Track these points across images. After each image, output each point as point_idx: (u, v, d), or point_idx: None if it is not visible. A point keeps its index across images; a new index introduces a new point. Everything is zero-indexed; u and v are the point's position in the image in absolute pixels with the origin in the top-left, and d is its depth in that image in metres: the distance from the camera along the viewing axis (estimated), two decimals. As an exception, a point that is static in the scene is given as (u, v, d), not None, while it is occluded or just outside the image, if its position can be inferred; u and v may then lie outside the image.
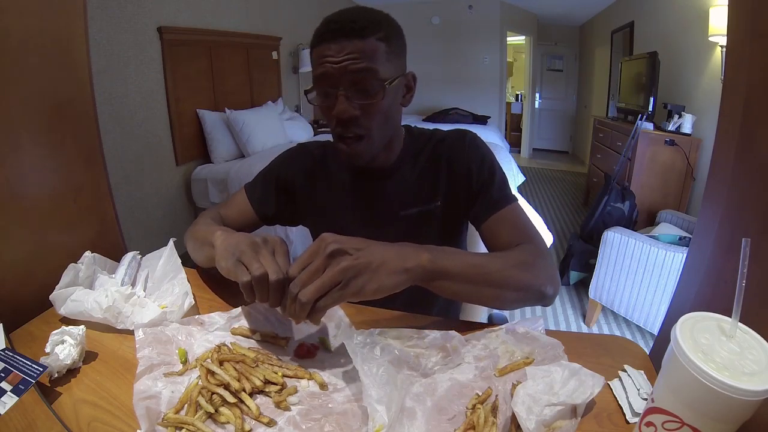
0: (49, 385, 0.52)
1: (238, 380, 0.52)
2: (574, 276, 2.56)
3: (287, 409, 0.49)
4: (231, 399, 0.49)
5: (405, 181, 0.81)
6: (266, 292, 0.52)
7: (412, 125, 0.88)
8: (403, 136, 0.84)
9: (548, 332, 0.63)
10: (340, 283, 0.50)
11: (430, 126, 0.92)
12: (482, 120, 5.13)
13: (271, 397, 0.51)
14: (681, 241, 2.01)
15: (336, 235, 0.54)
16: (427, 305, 0.89)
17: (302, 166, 0.87)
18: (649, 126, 2.98)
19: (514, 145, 6.88)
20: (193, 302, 0.67)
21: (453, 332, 0.60)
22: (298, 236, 2.46)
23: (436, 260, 0.56)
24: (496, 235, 0.75)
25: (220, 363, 0.55)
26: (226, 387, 0.50)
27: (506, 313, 1.06)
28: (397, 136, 0.81)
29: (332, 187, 0.85)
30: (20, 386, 0.48)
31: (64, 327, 0.56)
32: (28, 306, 0.66)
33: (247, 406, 0.48)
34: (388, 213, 0.81)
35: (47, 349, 0.54)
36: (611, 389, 0.53)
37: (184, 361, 0.56)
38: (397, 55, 0.70)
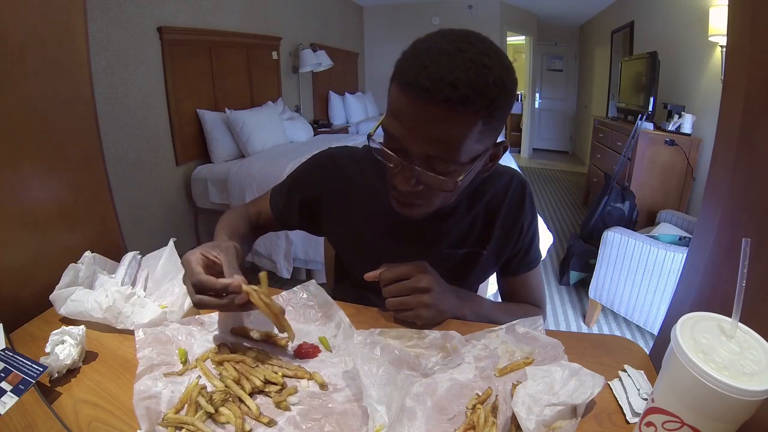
0: (49, 385, 0.52)
1: (238, 380, 0.52)
2: (574, 276, 2.56)
3: (287, 409, 0.49)
4: (243, 388, 0.50)
5: (460, 223, 0.76)
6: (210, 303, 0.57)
7: None
8: None
9: (548, 332, 0.63)
10: (413, 309, 0.64)
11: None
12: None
13: (271, 397, 0.51)
14: (681, 241, 2.01)
15: (430, 272, 0.66)
16: None
17: (327, 182, 0.79)
18: (649, 126, 2.98)
19: (514, 145, 6.88)
20: (193, 302, 0.67)
21: (453, 332, 0.60)
22: (298, 236, 2.46)
23: (468, 316, 0.71)
24: (517, 291, 0.85)
25: (220, 363, 0.55)
26: (239, 380, 0.52)
27: None
28: None
29: (368, 209, 0.77)
30: (20, 386, 0.48)
31: (64, 327, 0.56)
32: (28, 306, 0.66)
33: (247, 406, 0.48)
34: (434, 250, 0.76)
35: (47, 349, 0.54)
36: (611, 389, 0.53)
37: (184, 361, 0.56)
38: (494, 130, 0.56)
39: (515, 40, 6.74)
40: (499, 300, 0.89)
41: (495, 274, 0.87)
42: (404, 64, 0.53)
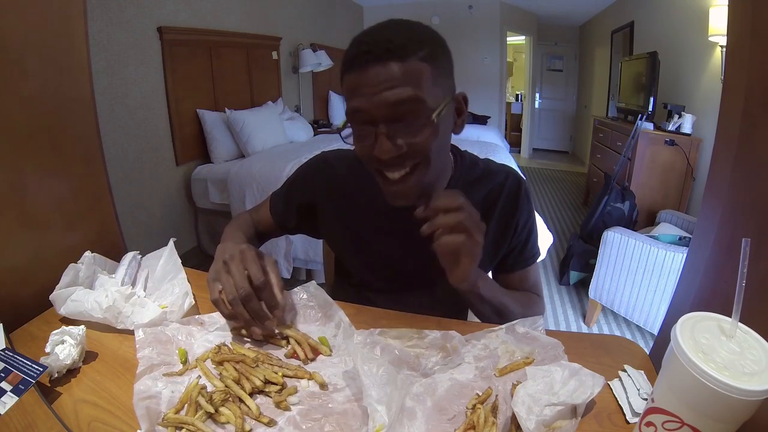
0: (49, 385, 0.52)
1: (238, 380, 0.52)
2: (574, 276, 2.56)
3: (287, 409, 0.49)
4: (245, 387, 0.51)
5: None
6: (238, 308, 0.58)
7: (462, 149, 0.79)
8: (452, 163, 0.76)
9: (548, 332, 0.63)
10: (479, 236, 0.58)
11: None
12: (482, 120, 5.14)
13: (271, 397, 0.51)
14: (681, 241, 2.01)
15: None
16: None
17: (322, 185, 0.81)
18: (649, 126, 2.99)
19: (514, 145, 6.88)
20: (193, 302, 0.67)
21: (453, 332, 0.60)
22: (299, 237, 2.45)
23: (480, 288, 0.66)
24: (514, 287, 0.82)
25: (220, 363, 0.55)
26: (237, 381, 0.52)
27: None
28: (447, 166, 0.74)
29: (363, 210, 0.78)
30: (20, 386, 0.48)
31: (64, 327, 0.56)
32: (28, 306, 0.66)
33: (247, 406, 0.48)
34: (429, 245, 0.73)
35: (47, 349, 0.54)
36: (611, 389, 0.53)
37: (184, 361, 0.56)
38: (445, 77, 0.60)
39: (515, 40, 6.74)
40: None
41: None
42: (345, 56, 0.59)
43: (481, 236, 0.59)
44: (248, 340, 0.62)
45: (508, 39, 5.92)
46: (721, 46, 2.54)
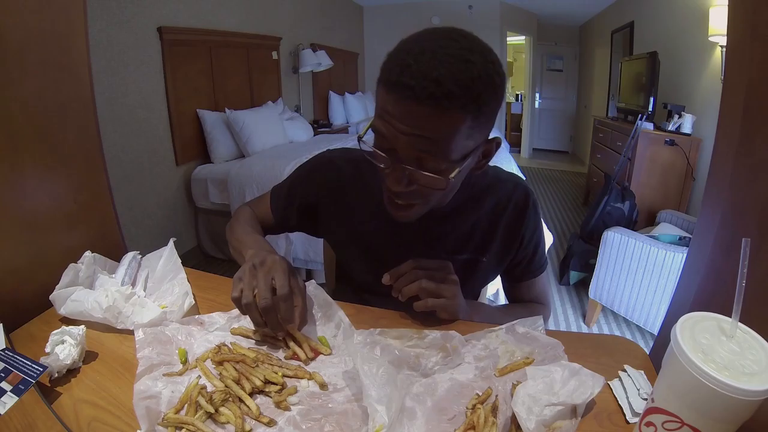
0: (49, 385, 0.52)
1: (238, 380, 0.52)
2: (574, 276, 2.56)
3: (287, 409, 0.49)
4: (245, 387, 0.51)
5: (459, 226, 0.75)
6: (252, 313, 0.59)
7: None
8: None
9: (548, 332, 0.63)
10: (446, 298, 0.65)
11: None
12: (482, 120, 5.12)
13: (271, 397, 0.51)
14: (681, 241, 2.01)
15: (456, 282, 0.68)
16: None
17: (326, 186, 0.79)
18: (649, 126, 2.98)
19: (514, 145, 6.88)
20: (193, 302, 0.67)
21: (453, 332, 0.60)
22: (299, 236, 2.46)
23: (475, 320, 0.70)
24: (522, 295, 0.85)
25: (220, 363, 0.55)
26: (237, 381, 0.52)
27: None
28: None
29: (368, 213, 0.76)
30: (20, 386, 0.48)
31: (64, 327, 0.56)
32: (28, 306, 0.66)
33: (247, 406, 0.48)
34: (432, 252, 0.74)
35: (47, 349, 0.54)
36: (611, 389, 0.53)
37: (184, 361, 0.56)
38: (484, 125, 0.55)
39: (515, 40, 6.74)
40: (500, 299, 0.90)
41: (499, 276, 0.87)
42: (388, 64, 0.53)
43: (453, 291, 0.65)
44: (248, 339, 0.62)
45: (508, 39, 5.92)
46: (721, 46, 2.54)
